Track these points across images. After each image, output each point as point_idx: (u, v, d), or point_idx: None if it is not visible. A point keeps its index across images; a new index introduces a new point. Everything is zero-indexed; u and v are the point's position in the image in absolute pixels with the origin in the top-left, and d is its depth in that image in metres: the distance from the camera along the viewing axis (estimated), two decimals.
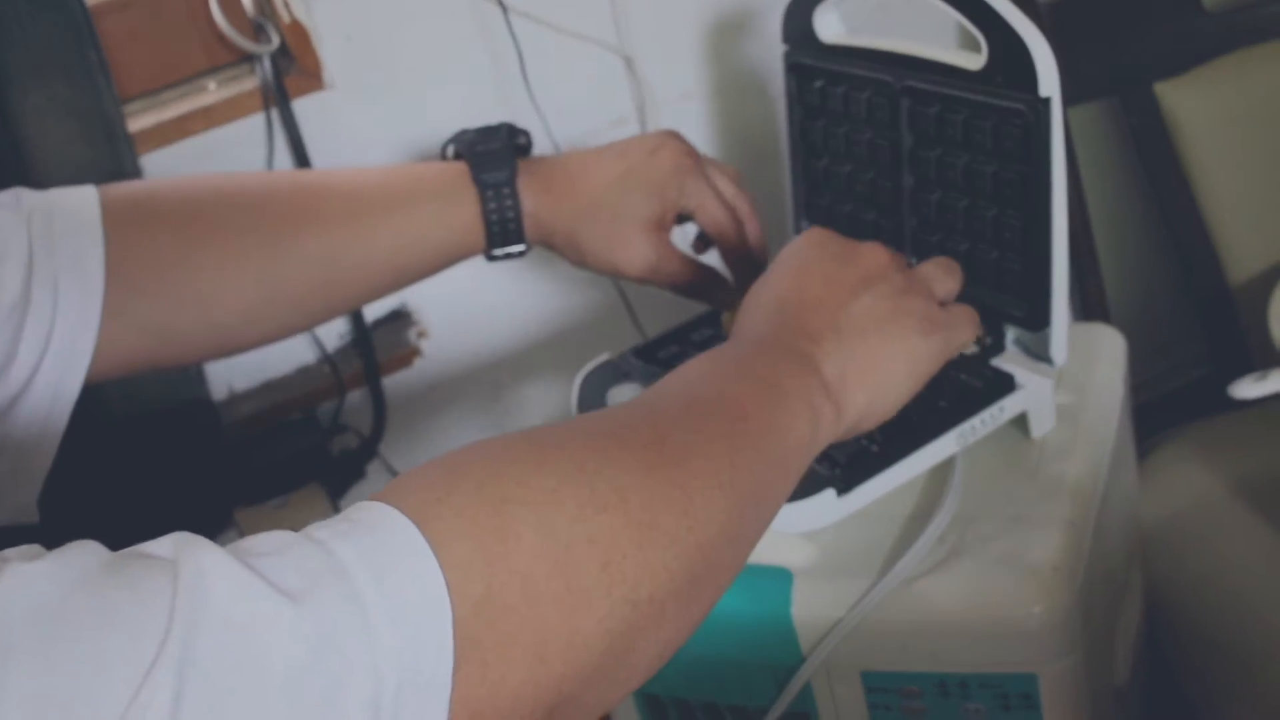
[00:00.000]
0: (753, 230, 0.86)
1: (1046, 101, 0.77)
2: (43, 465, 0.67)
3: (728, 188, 0.86)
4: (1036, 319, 0.82)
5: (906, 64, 0.85)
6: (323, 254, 0.73)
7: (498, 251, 0.81)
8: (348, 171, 0.79)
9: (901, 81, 0.86)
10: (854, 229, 0.96)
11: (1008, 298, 0.84)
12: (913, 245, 0.91)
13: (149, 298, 0.67)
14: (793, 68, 0.95)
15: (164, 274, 0.68)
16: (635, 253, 0.81)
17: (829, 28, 0.92)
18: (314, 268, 0.73)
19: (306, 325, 0.79)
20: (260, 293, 0.71)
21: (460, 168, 0.79)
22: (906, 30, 0.92)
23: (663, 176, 0.81)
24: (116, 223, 0.67)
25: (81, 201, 0.66)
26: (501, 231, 0.79)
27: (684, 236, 0.88)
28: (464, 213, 0.78)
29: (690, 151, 0.84)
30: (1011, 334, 0.86)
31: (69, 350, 0.64)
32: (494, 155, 0.79)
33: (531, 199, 0.80)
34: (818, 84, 0.93)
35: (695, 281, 0.85)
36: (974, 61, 0.79)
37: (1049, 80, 0.76)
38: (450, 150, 0.82)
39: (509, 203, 0.78)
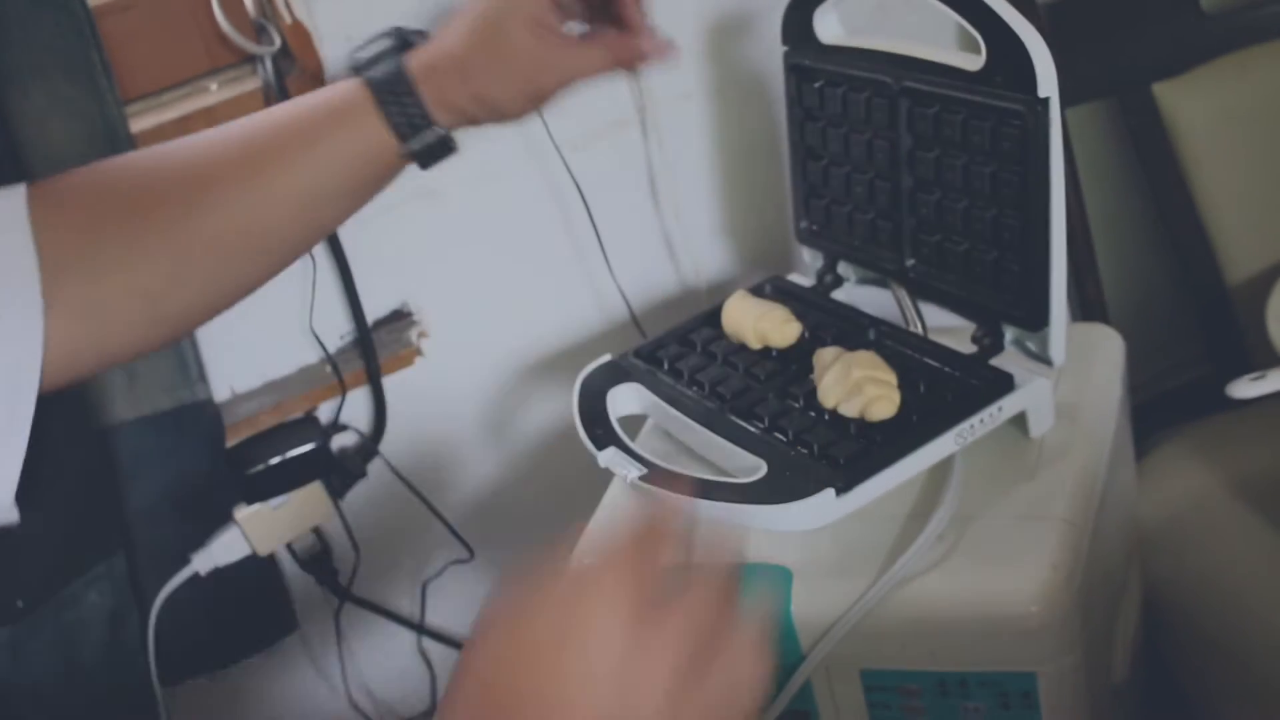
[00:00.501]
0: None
1: (1045, 102, 0.77)
2: (10, 464, 0.66)
3: None
4: (1035, 319, 0.82)
5: (905, 64, 0.86)
6: (241, 200, 0.71)
7: (415, 145, 0.76)
8: (250, 119, 0.76)
9: (900, 82, 0.86)
10: (854, 229, 0.97)
11: (1007, 297, 0.84)
12: (912, 246, 0.91)
13: (76, 276, 0.66)
14: (792, 69, 0.95)
15: (85, 248, 0.67)
16: (543, 69, 0.78)
17: (828, 28, 0.92)
18: (236, 216, 0.71)
19: (243, 280, 0.75)
20: (183, 248, 0.70)
21: (352, 81, 0.76)
22: (906, 31, 0.92)
23: None
24: (39, 209, 0.66)
25: (7, 196, 0.66)
26: (407, 123, 0.75)
27: None
28: (366, 121, 0.75)
29: None
30: (1010, 334, 0.87)
31: (19, 339, 0.64)
32: (381, 56, 0.77)
33: (426, 81, 0.75)
34: (817, 84, 0.94)
35: (613, 59, 0.81)
36: (973, 63, 0.80)
37: (1048, 81, 0.77)
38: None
39: (405, 93, 0.75)
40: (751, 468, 0.80)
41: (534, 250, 1.26)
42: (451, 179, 1.21)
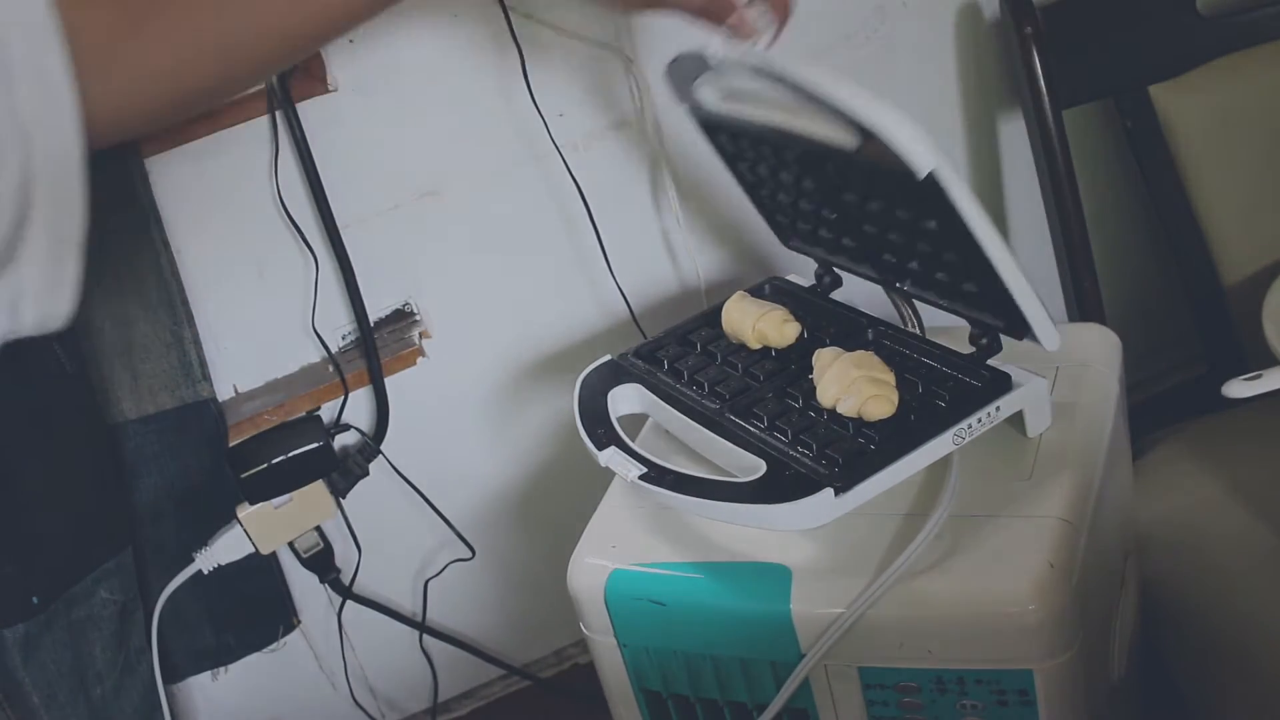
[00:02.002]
0: None
1: (931, 175, 0.73)
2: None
3: None
4: (1016, 329, 0.83)
5: (785, 138, 0.84)
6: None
7: None
8: None
9: (790, 147, 0.85)
10: (836, 254, 0.97)
11: (985, 314, 0.85)
12: (895, 273, 0.91)
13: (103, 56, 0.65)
14: (698, 120, 0.96)
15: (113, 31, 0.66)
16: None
17: (708, 99, 0.92)
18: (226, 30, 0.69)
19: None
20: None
21: None
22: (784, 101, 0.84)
23: None
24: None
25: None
26: None
27: None
28: None
29: None
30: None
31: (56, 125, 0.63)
32: None
33: None
34: (723, 136, 0.94)
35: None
36: (848, 141, 0.77)
37: (924, 159, 0.72)
38: None
39: None
40: (751, 467, 0.80)
41: (535, 250, 1.27)
42: (453, 179, 1.21)
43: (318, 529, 1.25)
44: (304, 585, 1.31)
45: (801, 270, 1.07)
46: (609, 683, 0.89)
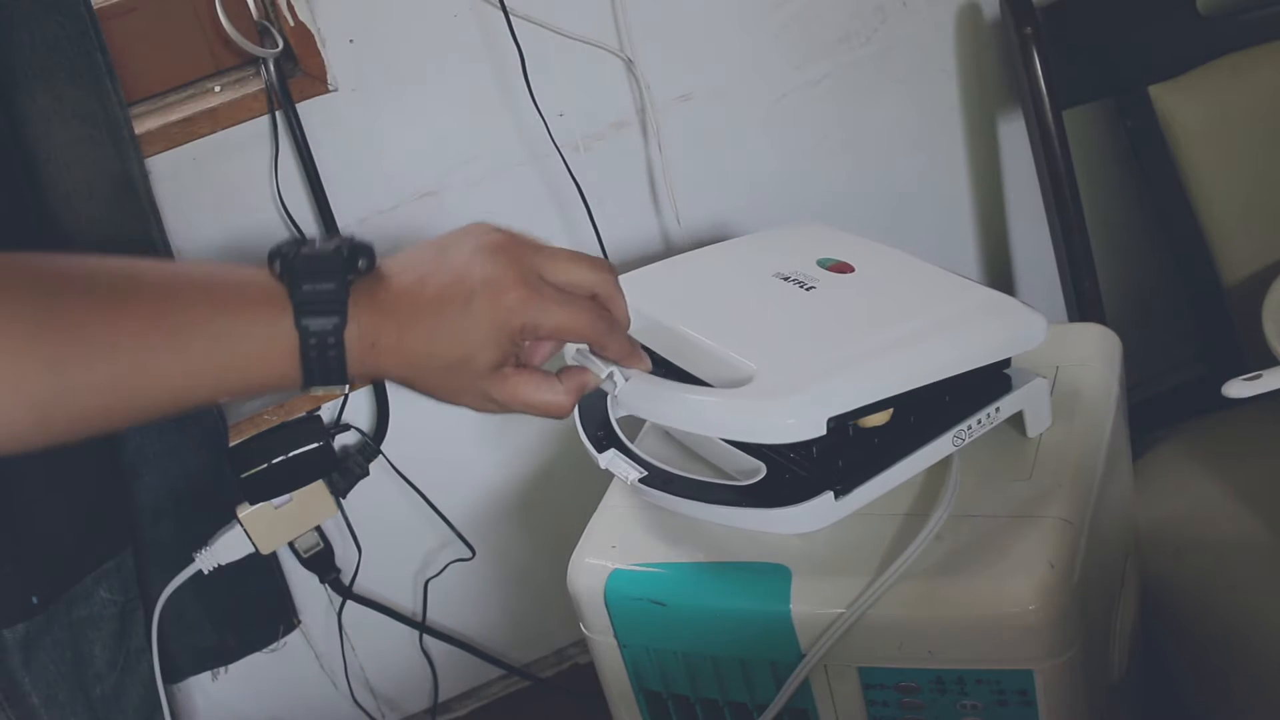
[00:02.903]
0: (619, 311, 0.74)
1: None
2: None
3: (575, 274, 0.72)
4: None
5: None
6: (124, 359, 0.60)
7: (319, 390, 0.64)
8: (172, 279, 0.63)
9: None
10: None
11: None
12: None
13: None
14: None
15: None
16: (485, 406, 0.71)
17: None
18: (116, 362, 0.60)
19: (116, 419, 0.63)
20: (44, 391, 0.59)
21: (280, 305, 0.62)
22: None
23: (494, 328, 0.67)
24: None
25: None
26: (323, 381, 0.63)
27: None
28: (280, 357, 0.62)
29: (517, 277, 0.67)
30: None
31: None
32: (323, 298, 0.63)
33: (357, 358, 0.64)
34: None
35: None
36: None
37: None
38: (277, 266, 0.64)
39: (334, 362, 0.63)
40: (751, 470, 0.80)
41: None
42: (452, 179, 1.21)
43: (318, 529, 1.25)
44: (304, 585, 1.31)
45: None
46: (609, 683, 0.89)
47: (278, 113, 1.12)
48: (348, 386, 0.66)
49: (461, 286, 0.66)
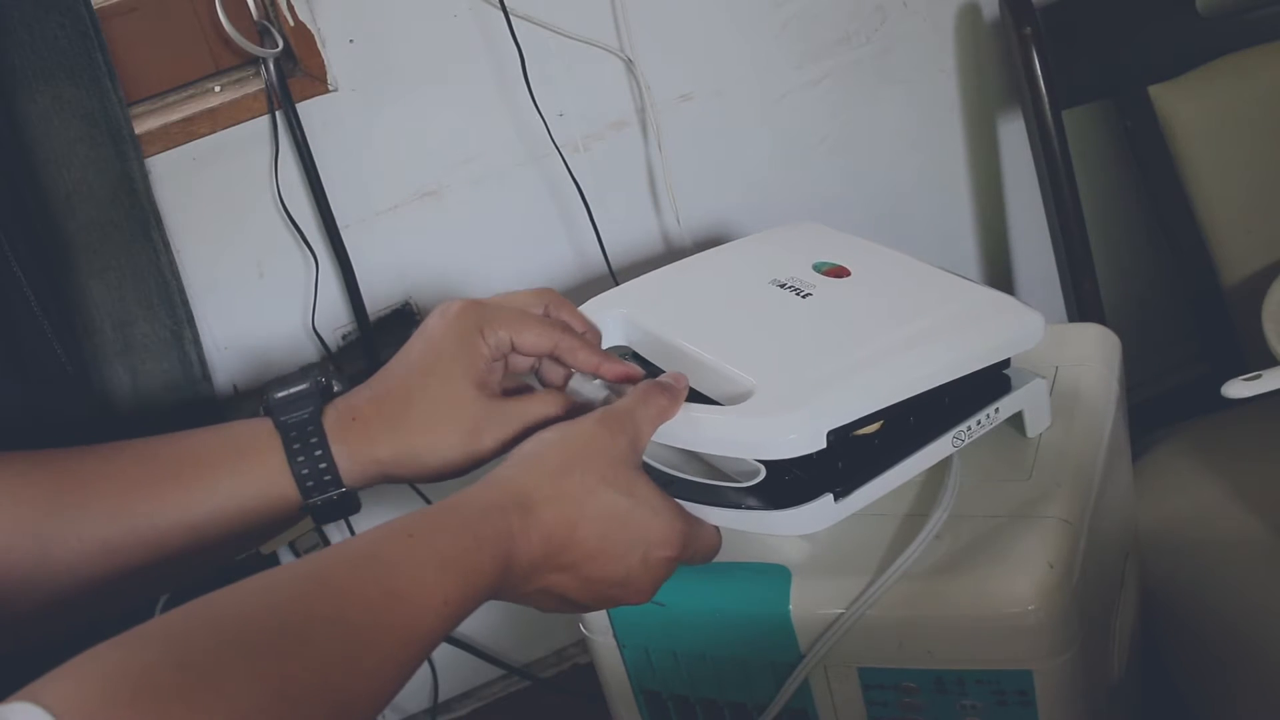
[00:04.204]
0: (572, 319, 0.82)
1: None
2: None
3: (515, 299, 0.81)
4: None
5: None
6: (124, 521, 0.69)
7: (318, 500, 0.73)
8: (159, 443, 0.73)
9: None
10: None
11: None
12: None
13: None
14: None
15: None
16: (481, 431, 0.74)
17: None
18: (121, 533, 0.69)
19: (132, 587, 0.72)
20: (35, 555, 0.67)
21: (263, 429, 0.72)
22: None
23: (461, 338, 0.75)
24: None
25: None
26: (314, 478, 0.72)
27: None
28: (270, 473, 0.71)
29: (469, 327, 0.76)
30: None
31: None
32: (297, 398, 0.72)
33: (341, 438, 0.73)
34: None
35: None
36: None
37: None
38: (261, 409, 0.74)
39: (316, 448, 0.71)
40: (750, 472, 0.80)
41: (535, 250, 1.27)
42: (453, 179, 1.22)
43: (318, 529, 1.25)
44: None
45: None
46: (609, 683, 0.89)
47: (278, 113, 1.12)
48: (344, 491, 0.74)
49: (429, 349, 0.76)
